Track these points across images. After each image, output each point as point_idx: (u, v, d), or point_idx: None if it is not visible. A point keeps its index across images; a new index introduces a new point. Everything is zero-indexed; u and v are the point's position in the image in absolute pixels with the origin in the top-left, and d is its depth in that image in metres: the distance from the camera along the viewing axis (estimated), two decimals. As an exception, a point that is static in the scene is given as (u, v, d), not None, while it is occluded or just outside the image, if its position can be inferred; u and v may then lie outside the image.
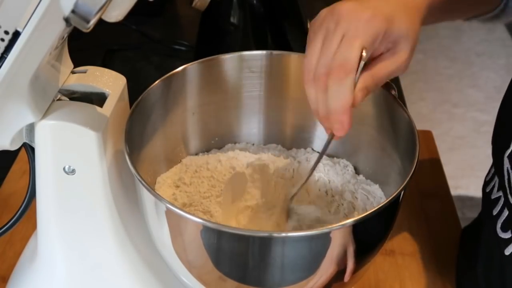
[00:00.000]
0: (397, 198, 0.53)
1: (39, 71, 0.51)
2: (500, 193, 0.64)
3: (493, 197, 0.66)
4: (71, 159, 0.56)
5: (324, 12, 0.52)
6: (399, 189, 0.52)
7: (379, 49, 0.51)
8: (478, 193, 0.72)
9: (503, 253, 0.62)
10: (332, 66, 0.49)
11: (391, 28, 0.50)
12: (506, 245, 0.62)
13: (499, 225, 0.63)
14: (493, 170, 0.68)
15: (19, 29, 0.46)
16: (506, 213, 0.62)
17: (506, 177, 0.62)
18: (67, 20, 0.46)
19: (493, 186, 0.67)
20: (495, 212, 0.64)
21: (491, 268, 0.67)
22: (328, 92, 0.50)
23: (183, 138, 0.70)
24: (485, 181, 0.71)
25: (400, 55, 0.52)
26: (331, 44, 0.50)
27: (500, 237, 0.63)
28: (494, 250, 0.65)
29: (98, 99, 0.59)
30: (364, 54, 0.49)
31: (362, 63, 0.50)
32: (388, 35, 0.51)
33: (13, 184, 0.87)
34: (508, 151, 0.62)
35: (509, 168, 0.62)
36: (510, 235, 0.61)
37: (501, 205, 0.63)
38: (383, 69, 0.52)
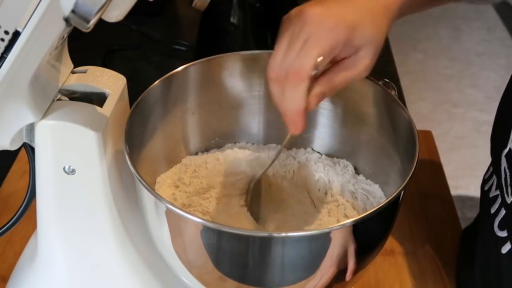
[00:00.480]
0: (397, 198, 0.53)
1: (39, 71, 0.51)
2: (498, 192, 0.64)
3: (491, 195, 0.66)
4: (71, 159, 0.56)
5: (293, 12, 0.53)
6: (399, 189, 0.52)
7: (340, 55, 0.53)
8: (478, 193, 0.72)
9: (500, 251, 0.62)
10: (289, 71, 0.51)
11: (353, 36, 0.51)
12: (503, 244, 0.62)
13: (496, 223, 0.63)
14: (491, 168, 0.68)
15: (19, 29, 0.46)
16: (503, 212, 0.62)
17: (503, 176, 0.63)
18: (67, 20, 0.46)
19: (491, 185, 0.67)
20: (492, 211, 0.64)
21: (488, 266, 0.67)
22: (283, 95, 0.52)
23: (183, 138, 0.70)
24: (483, 179, 0.71)
25: (361, 62, 0.53)
26: (293, 48, 0.51)
27: (497, 236, 0.63)
28: (491, 248, 0.65)
29: (98, 99, 0.59)
30: (320, 60, 0.51)
31: (315, 71, 0.51)
32: (349, 42, 0.52)
33: (13, 184, 0.87)
34: (506, 151, 0.62)
35: (506, 168, 0.62)
36: (507, 233, 0.61)
37: (498, 203, 0.64)
38: (342, 76, 0.53)
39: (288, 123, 0.54)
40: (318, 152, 0.72)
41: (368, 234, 0.55)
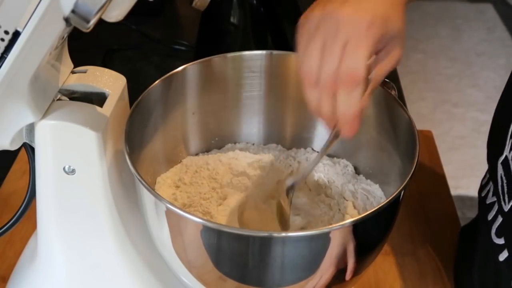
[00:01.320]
0: (397, 198, 0.53)
1: (39, 71, 0.51)
2: (495, 199, 0.64)
3: (488, 202, 0.66)
4: (71, 159, 0.56)
5: (318, 14, 0.50)
6: (399, 189, 0.52)
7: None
8: (478, 193, 0.72)
9: (497, 258, 0.62)
10: (341, 76, 0.49)
11: (387, 29, 0.50)
12: (500, 251, 0.61)
13: (493, 230, 0.63)
14: (488, 175, 0.68)
15: (19, 29, 0.46)
16: (500, 219, 0.62)
17: (499, 183, 0.62)
18: (67, 20, 0.46)
19: (488, 191, 0.67)
20: (490, 217, 0.64)
21: (486, 273, 0.67)
22: (338, 101, 0.50)
23: (183, 138, 0.70)
24: (481, 185, 0.71)
25: (395, 53, 0.52)
26: (334, 52, 0.49)
27: (495, 243, 0.62)
28: (489, 255, 0.65)
29: (98, 99, 0.59)
30: (370, 61, 0.50)
31: (371, 72, 0.50)
32: (385, 36, 0.50)
33: (13, 184, 0.87)
34: (502, 158, 0.62)
35: (503, 175, 0.61)
36: (504, 241, 0.61)
37: (495, 210, 0.63)
38: (382, 69, 0.52)
39: (343, 128, 0.52)
40: (318, 152, 0.72)
41: (368, 234, 0.55)
